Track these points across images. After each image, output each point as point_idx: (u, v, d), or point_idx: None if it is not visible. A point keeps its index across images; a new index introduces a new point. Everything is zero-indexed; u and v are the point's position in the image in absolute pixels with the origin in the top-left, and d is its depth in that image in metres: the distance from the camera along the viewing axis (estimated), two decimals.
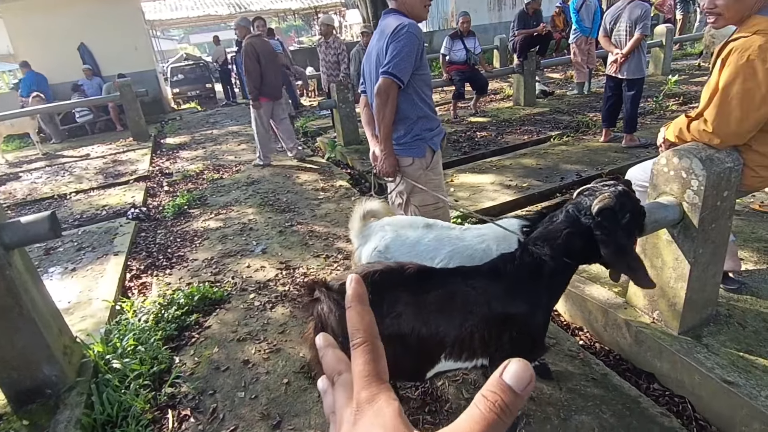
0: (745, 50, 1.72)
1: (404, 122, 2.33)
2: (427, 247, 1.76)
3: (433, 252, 1.74)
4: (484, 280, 1.43)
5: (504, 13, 14.91)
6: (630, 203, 1.47)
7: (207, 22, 21.44)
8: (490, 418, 0.31)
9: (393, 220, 1.97)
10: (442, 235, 1.79)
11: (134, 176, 6.22)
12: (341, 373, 0.41)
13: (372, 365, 0.38)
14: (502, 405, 0.31)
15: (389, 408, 0.35)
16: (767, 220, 2.98)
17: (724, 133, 1.82)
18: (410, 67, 2.19)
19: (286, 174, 5.61)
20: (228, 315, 2.87)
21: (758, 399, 1.72)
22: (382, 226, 1.91)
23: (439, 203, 2.44)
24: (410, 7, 2.25)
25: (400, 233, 1.84)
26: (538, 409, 1.93)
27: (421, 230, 1.83)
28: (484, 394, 0.32)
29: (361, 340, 0.40)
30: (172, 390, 2.30)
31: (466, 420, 0.32)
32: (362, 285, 0.43)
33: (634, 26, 4.59)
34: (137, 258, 3.85)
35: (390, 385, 0.38)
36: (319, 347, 0.45)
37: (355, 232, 1.99)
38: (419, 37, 2.18)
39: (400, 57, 2.15)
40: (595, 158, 4.80)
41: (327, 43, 6.57)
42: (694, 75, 8.54)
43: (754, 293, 2.32)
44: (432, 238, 1.78)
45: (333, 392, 0.41)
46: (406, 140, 2.35)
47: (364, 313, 0.41)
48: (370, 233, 1.92)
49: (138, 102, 8.47)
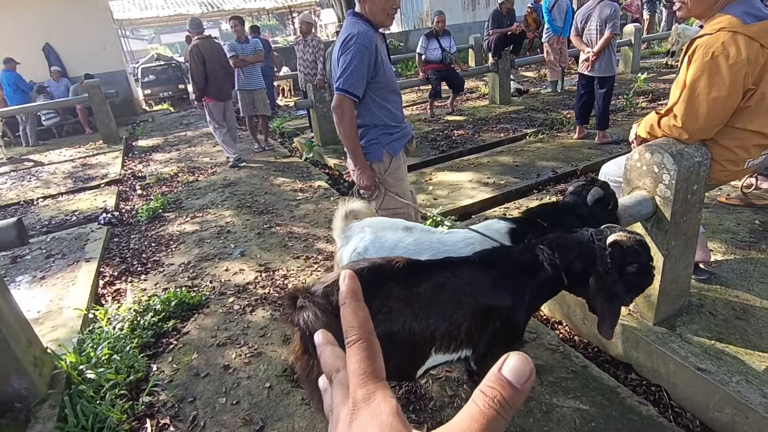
0: (710, 47, 1.77)
1: (360, 129, 2.35)
2: (406, 251, 1.74)
3: (413, 256, 1.73)
4: (473, 271, 1.44)
5: (478, 13, 15.07)
6: (643, 257, 1.46)
7: (178, 21, 21.02)
8: (490, 415, 0.30)
9: (373, 221, 1.96)
10: (422, 238, 1.78)
11: (105, 180, 6.04)
12: (339, 371, 0.40)
13: (368, 363, 0.37)
14: (502, 401, 0.30)
15: (386, 406, 0.34)
16: (733, 212, 3.09)
17: (692, 127, 1.88)
18: (362, 78, 2.18)
19: (263, 175, 5.54)
20: (207, 320, 2.81)
21: (729, 384, 1.78)
22: (362, 227, 1.89)
23: (399, 208, 2.45)
24: (372, 15, 2.23)
25: (378, 235, 1.83)
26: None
27: (400, 232, 1.82)
28: (482, 390, 0.31)
29: (356, 337, 0.38)
30: (150, 399, 2.24)
31: (465, 418, 0.31)
32: (356, 280, 0.42)
33: (604, 25, 4.70)
34: (110, 264, 3.74)
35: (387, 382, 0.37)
36: (318, 344, 0.44)
37: (338, 232, 1.97)
38: (368, 47, 2.14)
39: (349, 70, 2.14)
40: (570, 155, 4.89)
41: (305, 41, 6.51)
42: (662, 73, 8.79)
43: (723, 283, 2.40)
44: (411, 242, 1.77)
45: (331, 390, 0.40)
46: (362, 144, 2.36)
47: (358, 309, 0.40)
48: (351, 234, 1.90)
49: (107, 104, 8.23)
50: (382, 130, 2.36)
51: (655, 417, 1.85)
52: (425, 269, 1.43)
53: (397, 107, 2.43)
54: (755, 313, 2.16)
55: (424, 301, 1.38)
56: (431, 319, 1.38)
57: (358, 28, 2.17)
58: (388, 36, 14.35)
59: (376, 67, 2.22)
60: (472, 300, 1.41)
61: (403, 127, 2.47)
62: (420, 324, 1.37)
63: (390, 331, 1.34)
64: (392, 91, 2.38)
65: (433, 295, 1.39)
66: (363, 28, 2.18)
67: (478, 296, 1.41)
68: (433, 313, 1.38)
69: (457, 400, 1.99)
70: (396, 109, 2.42)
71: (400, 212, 2.44)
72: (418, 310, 1.37)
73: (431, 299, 1.39)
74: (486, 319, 1.43)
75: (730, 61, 1.73)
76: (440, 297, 1.40)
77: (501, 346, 1.51)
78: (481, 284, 1.42)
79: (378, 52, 2.21)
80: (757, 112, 1.87)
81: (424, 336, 1.39)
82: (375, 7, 2.20)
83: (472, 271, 1.44)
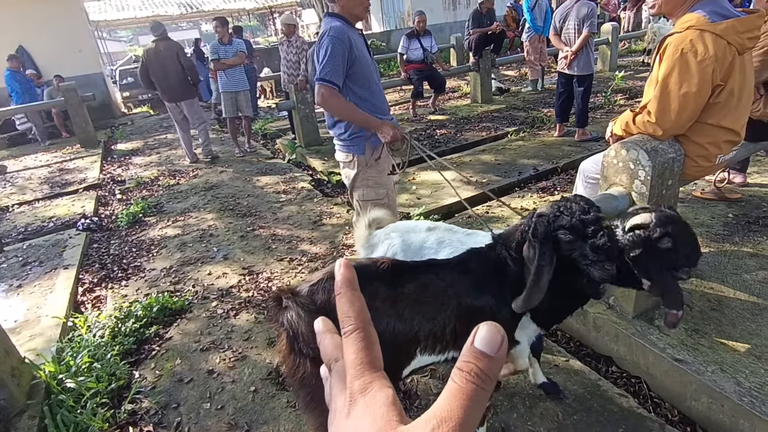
0: (679, 44, 1.83)
1: (343, 122, 2.40)
2: (430, 249, 1.77)
3: (435, 255, 1.74)
4: (454, 273, 1.46)
5: (459, 13, 15.16)
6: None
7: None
8: (469, 389, 0.30)
9: (397, 226, 1.97)
10: (443, 237, 1.80)
11: (83, 185, 5.92)
12: (337, 360, 0.39)
13: (365, 353, 0.36)
14: (479, 372, 0.30)
15: (381, 395, 0.33)
16: (708, 206, 3.17)
17: (665, 123, 1.93)
18: (340, 68, 2.24)
19: (246, 178, 5.49)
20: (190, 325, 2.78)
21: (705, 374, 1.83)
22: (387, 234, 1.91)
23: (380, 199, 2.51)
24: (347, 10, 2.32)
25: (405, 239, 1.85)
26: (504, 399, 1.97)
27: (424, 234, 1.85)
28: (458, 366, 0.31)
29: (352, 327, 0.38)
30: (133, 406, 2.21)
31: (446, 397, 0.30)
32: (351, 269, 0.41)
33: (581, 24, 4.77)
34: (90, 271, 3.67)
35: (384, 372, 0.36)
36: (318, 332, 0.43)
37: (361, 242, 1.97)
38: (341, 38, 2.23)
39: (326, 60, 2.23)
40: (550, 152, 4.96)
41: (289, 42, 6.48)
42: (639, 71, 8.96)
43: (698, 275, 2.45)
44: (433, 241, 1.80)
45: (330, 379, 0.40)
46: (345, 137, 2.44)
47: (354, 298, 0.39)
48: (377, 242, 1.91)
49: (84, 107, 8.06)
50: None
51: (635, 408, 1.89)
52: (409, 270, 1.44)
53: (379, 100, 2.47)
54: (729, 304, 2.23)
55: (409, 302, 1.39)
56: (415, 319, 1.39)
57: (331, 24, 2.28)
58: (370, 36, 14.36)
59: (351, 58, 2.28)
60: (454, 301, 1.42)
61: (386, 120, 2.48)
62: (405, 324, 1.38)
63: (377, 329, 1.34)
64: (372, 83, 2.42)
65: (417, 296, 1.40)
66: (336, 24, 2.29)
67: (460, 297, 1.43)
68: (418, 313, 1.39)
69: None
70: (378, 101, 2.46)
71: (380, 202, 2.48)
72: (403, 310, 1.38)
73: (415, 300, 1.40)
74: (470, 319, 1.44)
75: (698, 58, 1.79)
76: (424, 298, 1.40)
77: None
78: (462, 285, 1.44)
79: (353, 45, 2.27)
80: (727, 109, 1.93)
81: (409, 336, 1.39)
82: (350, 2, 2.30)
83: (453, 273, 1.45)
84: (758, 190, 3.30)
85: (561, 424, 1.84)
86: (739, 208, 3.09)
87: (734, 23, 1.79)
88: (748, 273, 2.43)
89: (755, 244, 2.68)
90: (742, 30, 1.80)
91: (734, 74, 1.87)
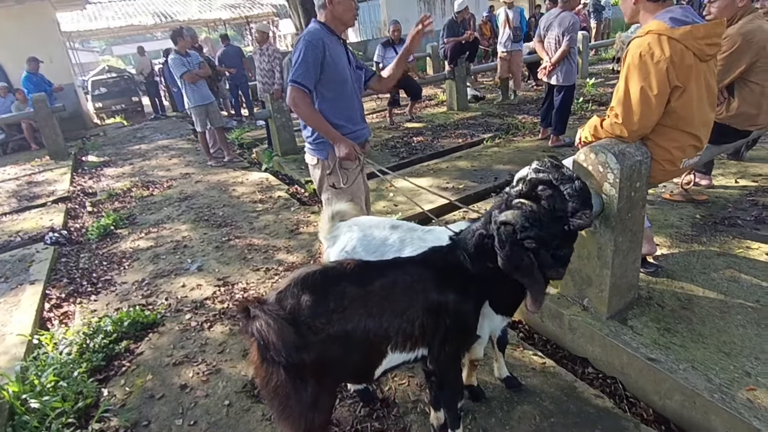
0: (638, 48, 1.92)
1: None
2: (392, 247, 1.80)
3: (397, 252, 1.77)
4: (420, 269, 1.47)
5: (435, 22, 15.32)
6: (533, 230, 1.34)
7: (130, 32, 20.40)
8: None
9: (360, 220, 1.99)
10: (406, 236, 1.83)
11: (52, 198, 5.75)
12: None
13: None
14: None
15: None
16: (677, 208, 3.25)
17: (630, 124, 1.98)
18: (312, 71, 2.26)
19: (221, 187, 5.41)
20: (162, 339, 2.70)
21: (677, 372, 1.86)
22: (349, 227, 1.93)
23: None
24: (339, 15, 2.34)
25: (366, 233, 1.86)
26: (482, 403, 1.97)
27: (387, 230, 1.87)
28: None
29: None
30: (101, 425, 2.12)
31: None
32: None
33: (562, 36, 4.86)
34: (57, 286, 3.54)
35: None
36: None
37: (324, 234, 1.98)
38: (314, 42, 2.25)
39: (298, 63, 2.25)
40: (525, 158, 5.03)
41: (261, 50, 6.46)
42: (609, 78, 9.20)
43: (669, 275, 2.51)
44: (396, 239, 1.82)
45: None
46: (311, 141, 2.48)
47: None
48: (339, 234, 1.93)
49: (54, 118, 7.85)
50: None
51: (610, 408, 1.91)
52: (376, 269, 1.45)
53: (350, 108, 2.47)
54: (699, 303, 2.27)
55: (378, 299, 1.39)
56: (385, 316, 1.39)
57: (309, 28, 2.31)
58: None
59: (324, 63, 2.28)
60: (421, 296, 1.43)
61: (356, 129, 2.49)
62: (375, 321, 1.38)
63: (346, 329, 1.34)
64: (346, 90, 2.42)
65: (386, 293, 1.41)
66: (313, 28, 2.31)
67: (426, 293, 1.44)
68: (387, 310, 1.40)
69: (420, 405, 1.99)
70: (348, 109, 2.46)
71: None
72: (372, 307, 1.38)
73: (384, 297, 1.40)
74: (436, 315, 1.45)
75: (655, 60, 1.87)
76: (392, 295, 1.41)
77: (454, 344, 1.53)
78: (428, 282, 1.45)
79: (327, 50, 2.28)
80: (690, 114, 1.99)
81: (380, 333, 1.39)
82: (336, 10, 2.32)
83: (419, 270, 1.47)
84: (723, 192, 3.40)
85: (538, 427, 1.84)
86: (706, 209, 3.17)
87: (692, 29, 1.86)
88: (716, 272, 2.50)
89: (722, 244, 2.75)
90: (700, 36, 1.87)
91: (695, 79, 1.93)
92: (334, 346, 1.33)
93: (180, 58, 5.79)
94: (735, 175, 3.64)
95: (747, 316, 2.14)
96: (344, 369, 1.43)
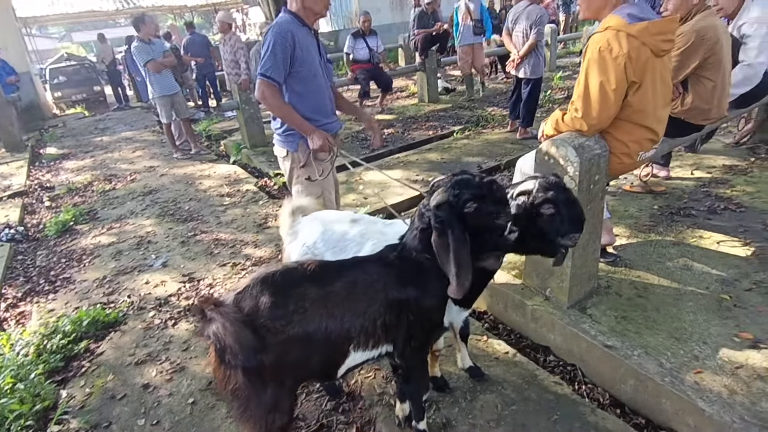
0: (597, 43, 1.97)
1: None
2: (352, 242, 1.79)
3: (358, 246, 1.77)
4: (378, 267, 1.47)
5: (406, 13, 15.26)
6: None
7: (90, 18, 19.56)
8: None
9: (321, 215, 1.98)
10: (366, 229, 1.83)
11: (7, 192, 5.50)
12: None
13: None
14: None
15: None
16: (636, 199, 3.36)
17: (589, 117, 2.03)
18: (277, 62, 2.21)
19: (187, 181, 5.29)
20: (124, 338, 2.64)
21: (632, 358, 1.93)
22: (310, 222, 1.92)
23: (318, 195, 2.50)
24: (309, 5, 2.29)
25: (327, 228, 1.85)
26: (446, 394, 2.00)
27: (347, 225, 1.86)
28: None
29: None
30: (60, 428, 2.06)
31: None
32: None
33: (529, 29, 4.91)
34: (13, 285, 3.41)
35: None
36: None
37: (285, 229, 1.96)
38: (282, 34, 2.20)
39: (267, 56, 2.21)
40: (494, 150, 5.09)
41: (224, 40, 6.31)
42: (576, 71, 9.37)
43: (627, 265, 2.60)
44: (357, 233, 1.81)
45: None
46: (280, 132, 2.45)
47: None
48: (299, 229, 1.91)
49: (9, 108, 7.48)
50: None
51: (569, 395, 1.97)
52: (336, 269, 1.44)
53: (320, 100, 2.43)
54: (654, 291, 2.36)
55: (338, 299, 1.39)
56: (346, 316, 1.39)
57: (278, 20, 2.25)
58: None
59: (294, 57, 2.24)
60: (381, 295, 1.43)
61: (327, 122, 2.46)
62: (336, 322, 1.37)
63: (306, 330, 1.34)
64: (316, 82, 2.39)
65: (347, 293, 1.40)
66: (283, 19, 2.26)
67: (387, 291, 1.44)
68: (348, 310, 1.39)
69: (386, 398, 2.01)
70: (319, 101, 2.43)
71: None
72: (332, 308, 1.38)
73: (345, 297, 1.40)
74: (398, 312, 1.45)
75: (614, 55, 1.92)
76: (353, 294, 1.41)
77: (420, 338, 1.54)
78: (386, 279, 1.45)
79: (296, 42, 2.23)
80: (646, 109, 2.05)
81: (341, 334, 1.39)
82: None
83: (377, 268, 1.47)
84: (680, 183, 3.53)
85: (500, 416, 1.88)
86: (664, 200, 3.29)
87: (648, 25, 1.91)
88: (671, 261, 2.60)
89: (677, 233, 2.86)
90: (655, 32, 1.92)
91: (650, 74, 1.99)
92: (294, 348, 1.32)
93: (143, 46, 5.58)
94: (691, 166, 3.78)
95: (697, 303, 2.24)
96: (305, 370, 1.42)
